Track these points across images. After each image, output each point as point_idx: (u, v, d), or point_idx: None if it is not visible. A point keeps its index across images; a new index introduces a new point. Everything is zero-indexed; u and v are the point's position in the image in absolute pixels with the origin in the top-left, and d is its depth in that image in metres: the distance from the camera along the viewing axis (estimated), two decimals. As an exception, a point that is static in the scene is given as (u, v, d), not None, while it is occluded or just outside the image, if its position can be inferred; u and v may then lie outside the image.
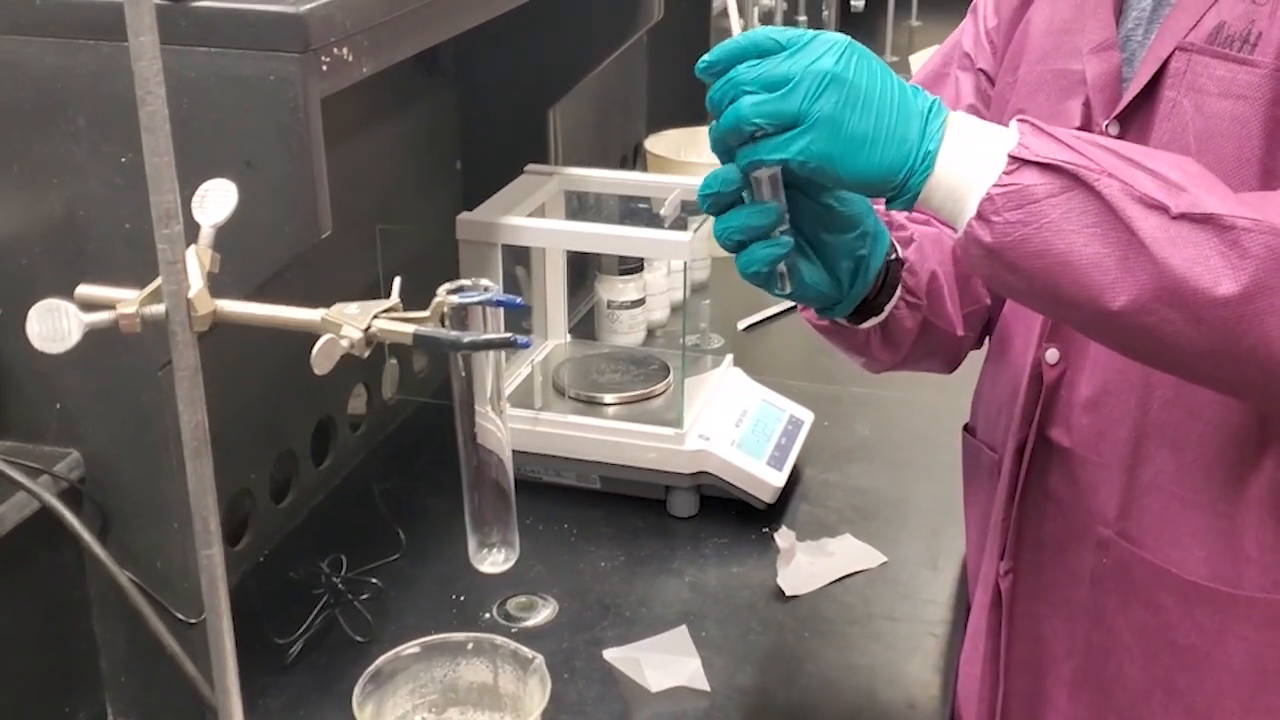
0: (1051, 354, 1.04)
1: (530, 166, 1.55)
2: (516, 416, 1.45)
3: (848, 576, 1.33)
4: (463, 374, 0.72)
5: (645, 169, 2.17)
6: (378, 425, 1.57)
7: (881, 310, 1.04)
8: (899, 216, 1.07)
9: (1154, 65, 0.94)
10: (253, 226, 0.91)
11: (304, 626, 1.23)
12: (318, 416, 1.46)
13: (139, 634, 1.04)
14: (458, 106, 1.69)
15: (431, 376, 1.65)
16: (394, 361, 1.61)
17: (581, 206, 1.63)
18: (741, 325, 1.90)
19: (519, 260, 1.60)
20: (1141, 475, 1.00)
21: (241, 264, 0.93)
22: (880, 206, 0.94)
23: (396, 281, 0.74)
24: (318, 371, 0.67)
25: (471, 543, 0.73)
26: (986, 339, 1.19)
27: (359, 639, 1.23)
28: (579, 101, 1.85)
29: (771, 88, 0.82)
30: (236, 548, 1.32)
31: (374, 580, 1.28)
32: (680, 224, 1.43)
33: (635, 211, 1.55)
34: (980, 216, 0.82)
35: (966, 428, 1.21)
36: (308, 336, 0.69)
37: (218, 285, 0.93)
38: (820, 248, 0.95)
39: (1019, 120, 0.85)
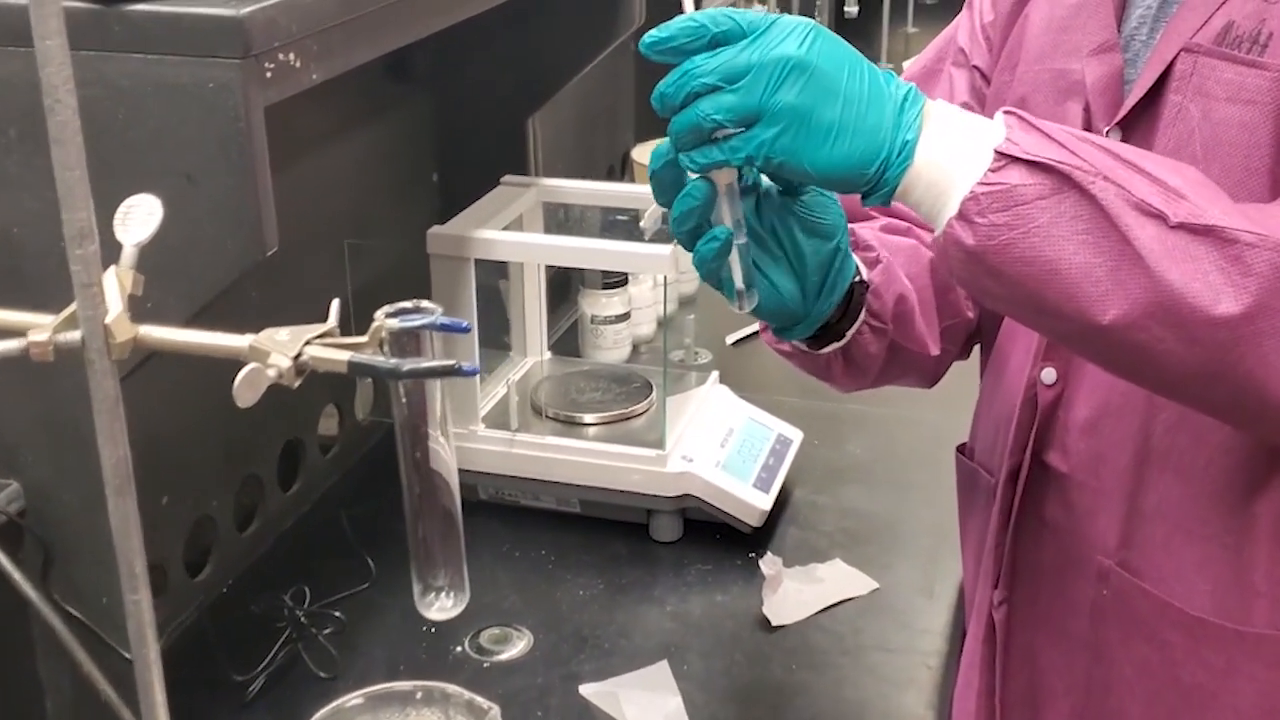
0: (1048, 373, 0.98)
1: (507, 178, 1.50)
2: (492, 438, 1.39)
3: (838, 604, 1.27)
4: (403, 400, 0.66)
5: (633, 180, 2.11)
6: (350, 447, 1.51)
7: (843, 335, 0.98)
8: (866, 236, 1.01)
9: (1158, 68, 0.88)
10: (194, 244, 0.86)
11: (265, 662, 1.17)
12: (286, 439, 1.41)
13: (85, 676, 0.98)
14: (434, 116, 1.64)
15: (408, 396, 1.59)
16: (368, 380, 1.55)
17: (564, 219, 1.57)
18: (730, 340, 1.84)
19: (500, 273, 1.55)
20: (1143, 503, 0.94)
21: (184, 285, 0.88)
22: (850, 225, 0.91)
23: (334, 304, 0.68)
24: (240, 404, 0.61)
25: (416, 586, 0.68)
26: (976, 349, 1.13)
27: (323, 675, 1.17)
28: (561, 110, 1.80)
29: (732, 79, 0.75)
30: (197, 579, 1.27)
31: (337, 614, 1.22)
32: (663, 237, 1.38)
33: (616, 224, 1.49)
34: (962, 216, 0.76)
35: (962, 449, 1.16)
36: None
37: (158, 308, 0.88)
38: (792, 257, 0.89)
39: (1005, 113, 0.79)
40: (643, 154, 2.13)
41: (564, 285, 1.80)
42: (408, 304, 0.66)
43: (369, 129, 1.52)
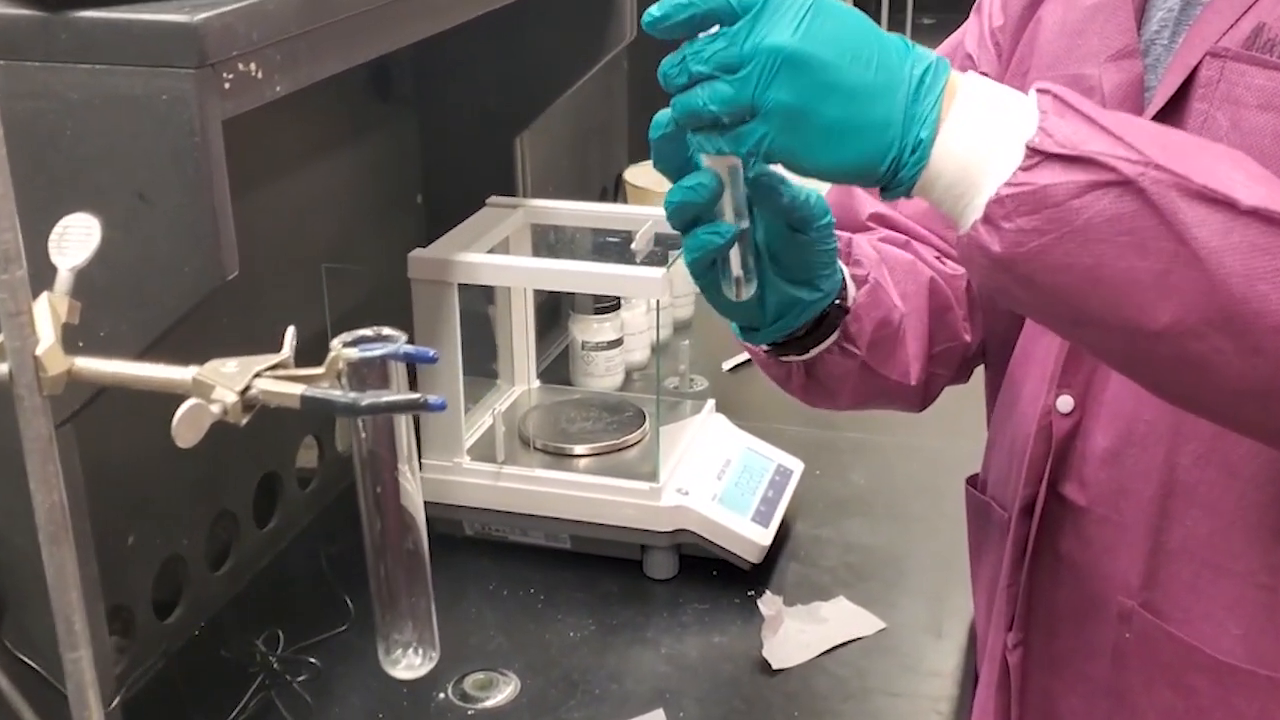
0: (1064, 401, 0.91)
1: (493, 199, 1.44)
2: (478, 471, 1.33)
3: (842, 646, 1.21)
4: (363, 433, 0.60)
5: (627, 201, 2.05)
6: (330, 481, 1.45)
7: (806, 350, 0.92)
8: (860, 250, 0.95)
9: (1181, 74, 0.82)
10: (148, 267, 0.80)
11: (236, 711, 1.10)
12: (262, 473, 1.34)
13: (42, 727, 0.92)
14: (419, 135, 1.58)
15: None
16: (350, 410, 1.49)
17: (553, 242, 1.51)
18: (727, 366, 1.78)
19: (488, 299, 1.49)
20: (1168, 539, 0.88)
21: (139, 312, 0.82)
22: (841, 233, 0.87)
23: (289, 332, 0.62)
24: (181, 445, 0.55)
25: (381, 643, 0.62)
26: (978, 371, 1.07)
27: (297, 724, 1.11)
28: (551, 129, 1.74)
29: (727, 70, 0.69)
30: (166, 621, 1.20)
31: (312, 660, 1.16)
32: (655, 259, 1.32)
33: (608, 246, 1.43)
34: (987, 220, 0.69)
35: (973, 481, 1.09)
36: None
37: (112, 337, 0.82)
38: (767, 279, 0.85)
39: (1040, 91, 0.70)
40: (637, 175, 2.07)
41: (554, 310, 1.74)
42: (368, 331, 0.60)
43: (350, 148, 1.46)
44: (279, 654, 1.16)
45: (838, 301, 0.90)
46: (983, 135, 0.70)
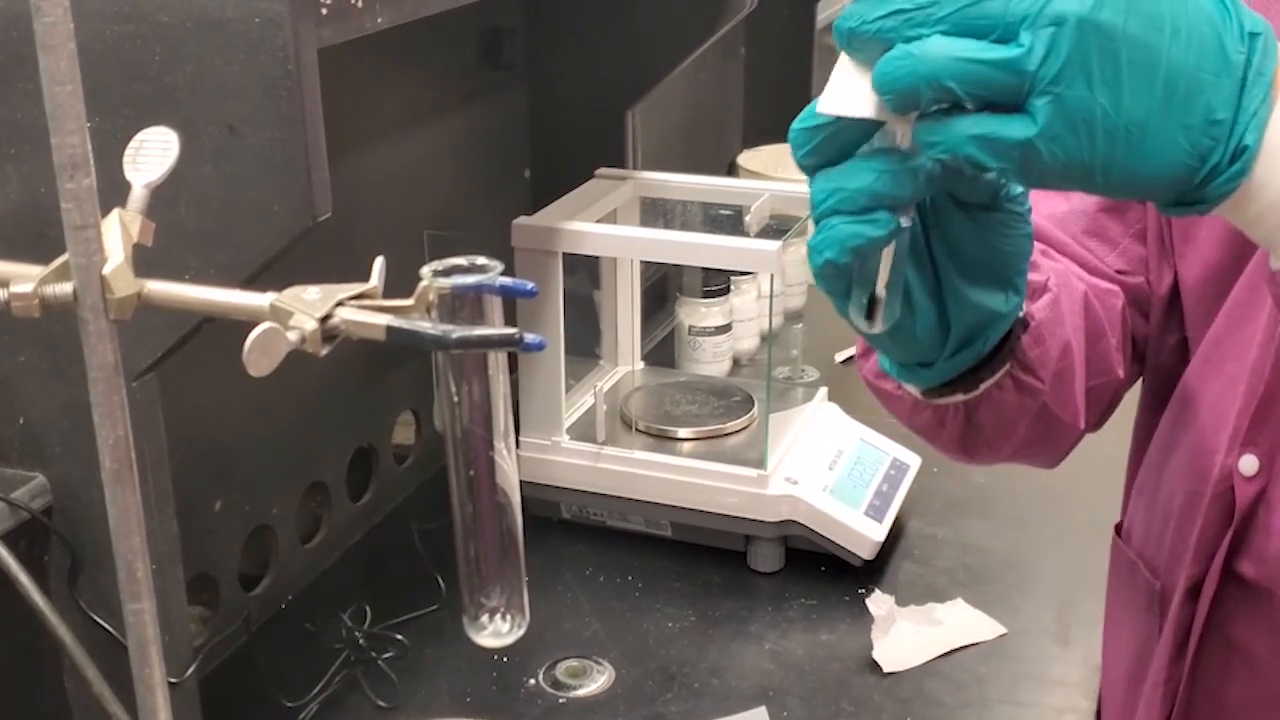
0: (1248, 462, 0.76)
1: (601, 170, 1.39)
2: (577, 451, 1.27)
3: (958, 650, 1.12)
4: (453, 393, 0.54)
5: (739, 188, 1.99)
6: (427, 459, 1.40)
7: (976, 386, 0.72)
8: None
9: None
10: (237, 205, 0.75)
11: (319, 687, 1.06)
12: (356, 445, 1.30)
13: (116, 692, 0.88)
14: (528, 107, 1.53)
15: (491, 405, 1.49)
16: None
17: (661, 216, 1.45)
18: (839, 358, 1.70)
19: (593, 282, 1.43)
20: None
21: (225, 252, 0.77)
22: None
23: (378, 261, 0.56)
24: (253, 372, 0.50)
25: (467, 608, 0.56)
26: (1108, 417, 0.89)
27: (381, 704, 1.06)
28: (664, 109, 1.69)
29: (978, 32, 0.51)
30: (252, 592, 1.16)
31: (400, 637, 1.11)
32: (769, 234, 1.25)
33: (720, 221, 1.37)
34: None
35: (1119, 530, 0.94)
36: (351, 348, 0.52)
37: (197, 279, 0.78)
38: (946, 286, 0.65)
39: None
40: (750, 160, 2.01)
41: (660, 293, 1.68)
42: (461, 260, 0.54)
43: (458, 116, 1.42)
44: (366, 630, 1.11)
45: (1022, 312, 0.71)
46: None
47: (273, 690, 1.04)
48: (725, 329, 1.57)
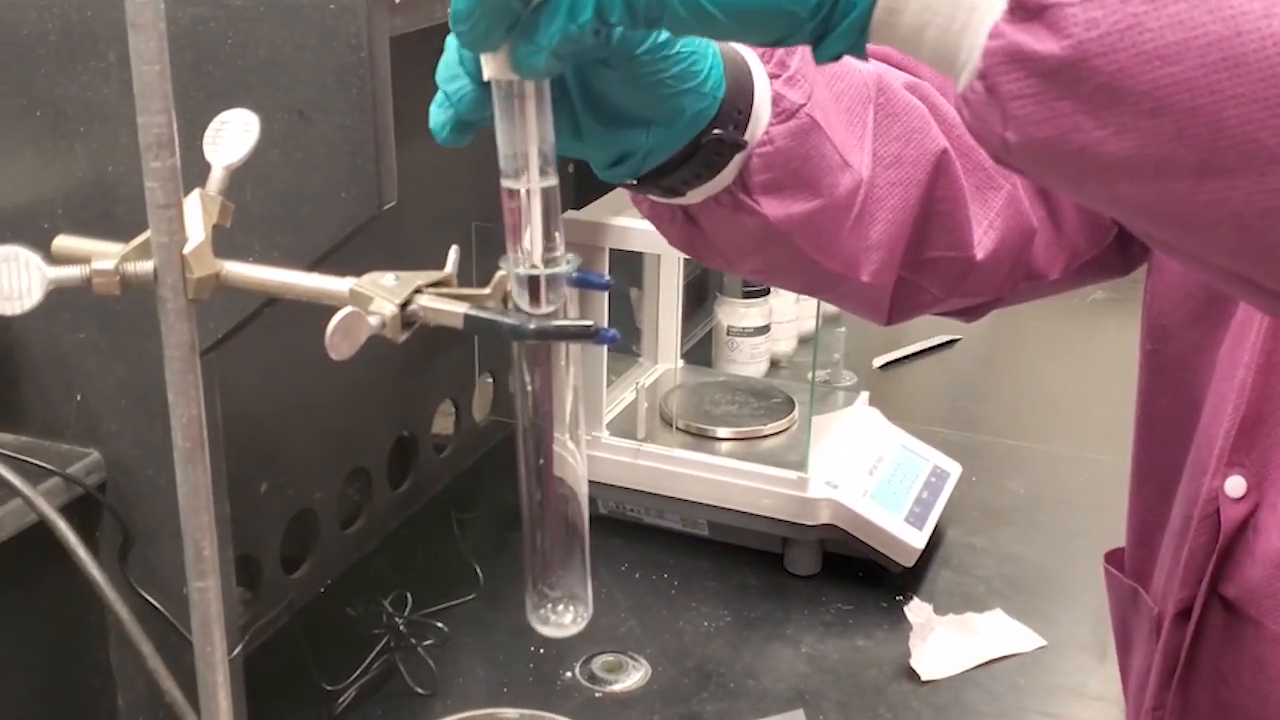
0: (1234, 483, 0.73)
1: (651, 167, 1.38)
2: (616, 447, 1.27)
3: (996, 660, 1.12)
4: (529, 387, 0.55)
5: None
6: (466, 449, 1.41)
7: (679, 193, 0.65)
8: (810, 73, 0.66)
9: None
10: (305, 191, 0.76)
11: (358, 672, 1.06)
12: (397, 433, 1.31)
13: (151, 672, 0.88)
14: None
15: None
16: (488, 379, 1.45)
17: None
18: (878, 363, 1.70)
19: (633, 280, 1.43)
20: None
21: (290, 236, 0.78)
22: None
23: (453, 251, 0.57)
24: (334, 356, 0.50)
25: (530, 597, 0.56)
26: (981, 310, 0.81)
27: (420, 691, 1.06)
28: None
29: None
30: (293, 575, 1.17)
31: (440, 625, 1.11)
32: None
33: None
34: (1029, 14, 0.44)
35: (1113, 559, 0.92)
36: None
37: (264, 261, 0.78)
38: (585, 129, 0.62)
39: None
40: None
41: (700, 293, 1.68)
42: (539, 252, 0.54)
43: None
44: (406, 616, 1.11)
45: (718, 132, 0.62)
46: None
47: (314, 672, 1.04)
48: (764, 330, 1.57)
